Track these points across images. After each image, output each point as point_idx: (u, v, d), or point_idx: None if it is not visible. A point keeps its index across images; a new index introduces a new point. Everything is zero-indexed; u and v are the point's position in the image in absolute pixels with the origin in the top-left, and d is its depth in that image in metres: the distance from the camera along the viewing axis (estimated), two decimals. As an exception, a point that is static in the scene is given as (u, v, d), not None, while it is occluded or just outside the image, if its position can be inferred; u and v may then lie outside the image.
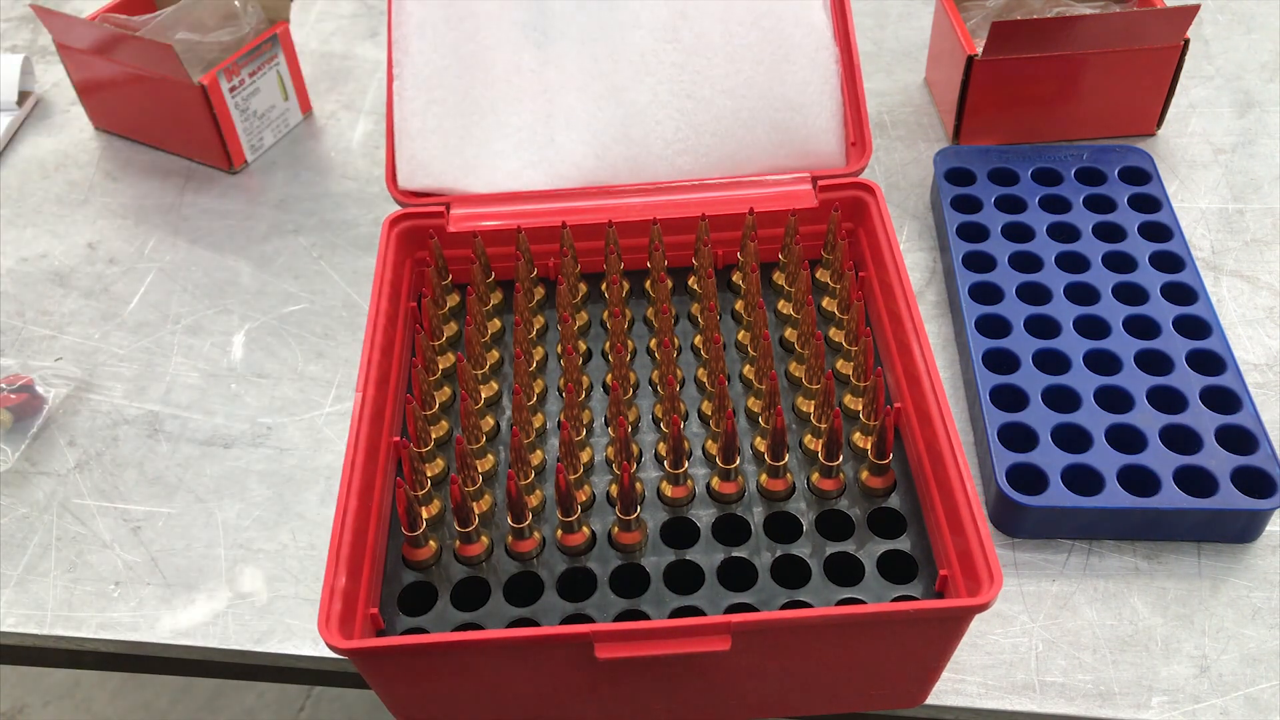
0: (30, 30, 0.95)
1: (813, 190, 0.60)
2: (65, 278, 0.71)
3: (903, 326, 0.52)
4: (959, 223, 0.65)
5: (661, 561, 0.47)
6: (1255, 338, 0.62)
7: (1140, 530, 0.52)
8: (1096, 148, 0.70)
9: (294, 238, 0.73)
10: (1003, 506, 0.52)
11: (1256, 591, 0.51)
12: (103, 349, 0.66)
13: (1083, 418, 0.54)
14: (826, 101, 0.63)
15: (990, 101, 0.72)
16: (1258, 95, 0.79)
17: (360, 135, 0.81)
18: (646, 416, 0.54)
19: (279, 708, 1.33)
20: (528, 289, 0.58)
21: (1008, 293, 0.61)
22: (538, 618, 0.46)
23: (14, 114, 0.83)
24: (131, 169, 0.79)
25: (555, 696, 0.44)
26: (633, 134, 0.63)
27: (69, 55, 0.79)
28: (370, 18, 0.93)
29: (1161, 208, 0.66)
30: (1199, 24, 0.85)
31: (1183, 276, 0.61)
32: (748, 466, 0.51)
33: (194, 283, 0.70)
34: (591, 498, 0.50)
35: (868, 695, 0.46)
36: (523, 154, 0.63)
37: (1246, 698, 0.47)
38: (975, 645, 0.49)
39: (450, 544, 0.49)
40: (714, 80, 0.63)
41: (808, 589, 0.46)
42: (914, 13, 0.89)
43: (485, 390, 0.55)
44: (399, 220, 0.59)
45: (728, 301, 0.60)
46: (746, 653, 0.41)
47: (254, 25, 0.78)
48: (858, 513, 0.49)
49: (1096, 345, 0.58)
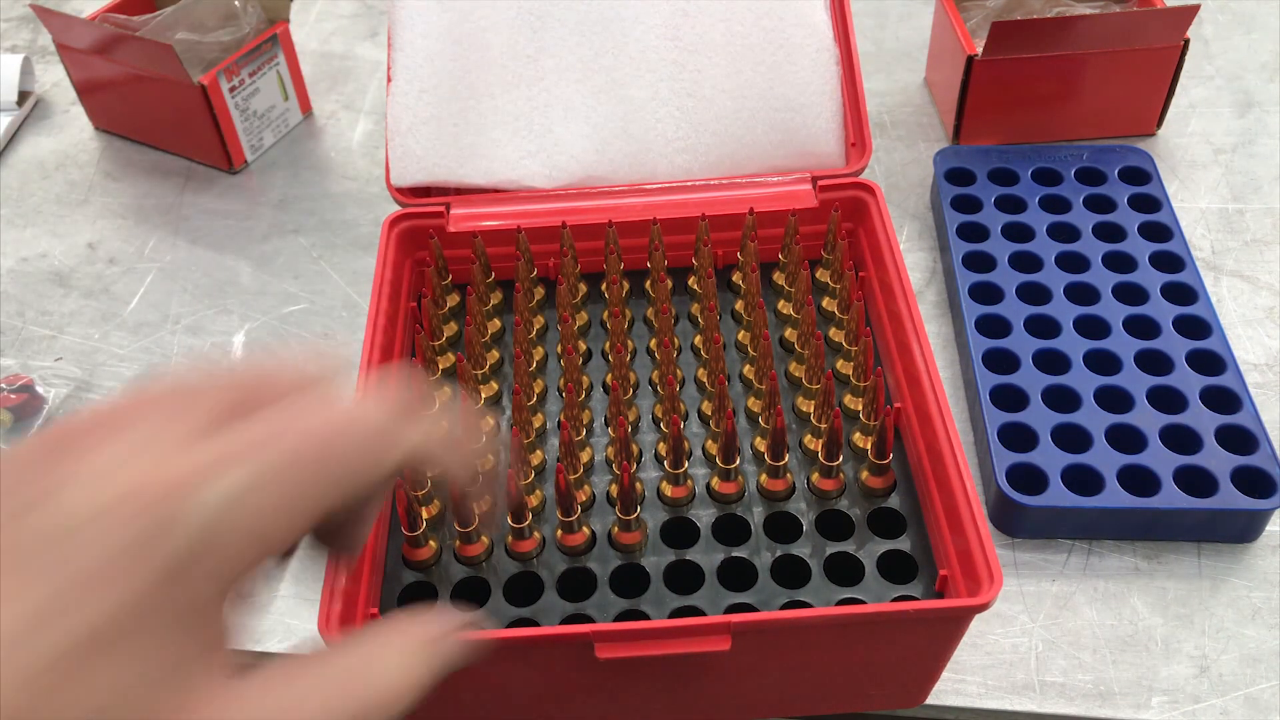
0: (30, 30, 0.95)
1: (813, 190, 0.60)
2: (65, 278, 0.71)
3: (903, 326, 0.52)
4: (959, 223, 0.65)
5: (661, 561, 0.47)
6: (1255, 338, 0.62)
7: (1140, 530, 0.52)
8: (1096, 148, 0.70)
9: (294, 238, 0.73)
10: (1003, 506, 0.52)
11: (1256, 591, 0.51)
12: (103, 349, 0.66)
13: (1083, 418, 0.54)
14: (827, 102, 0.63)
15: (990, 101, 0.72)
16: (1258, 95, 0.79)
17: (360, 135, 0.81)
18: (646, 416, 0.54)
19: (279, 708, 1.33)
20: (528, 289, 0.58)
21: (1008, 293, 0.61)
22: (538, 618, 0.46)
23: (14, 114, 0.83)
24: (131, 169, 0.79)
25: (555, 696, 0.44)
26: (632, 130, 0.63)
27: (69, 55, 0.79)
28: (370, 18, 0.93)
29: (1161, 208, 0.66)
30: (1199, 24, 0.85)
31: (1183, 276, 0.61)
32: (748, 466, 0.51)
33: (194, 283, 0.70)
34: (591, 498, 0.50)
35: (868, 695, 0.46)
36: (520, 143, 0.63)
37: (1246, 698, 0.47)
38: (975, 645, 0.49)
39: (450, 544, 0.49)
40: (714, 79, 0.63)
41: (808, 589, 0.46)
42: (914, 13, 0.89)
43: (485, 390, 0.55)
44: (399, 220, 0.59)
45: (728, 301, 0.60)
46: (746, 653, 0.41)
47: (254, 25, 0.78)
48: (858, 513, 0.49)
49: (1096, 345, 0.58)
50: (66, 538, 0.22)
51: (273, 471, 0.24)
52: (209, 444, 0.24)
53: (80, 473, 0.23)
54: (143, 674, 0.21)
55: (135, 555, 0.22)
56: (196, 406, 0.25)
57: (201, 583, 0.22)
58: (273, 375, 0.27)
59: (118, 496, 0.22)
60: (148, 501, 0.22)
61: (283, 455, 0.24)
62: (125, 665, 0.21)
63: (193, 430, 0.24)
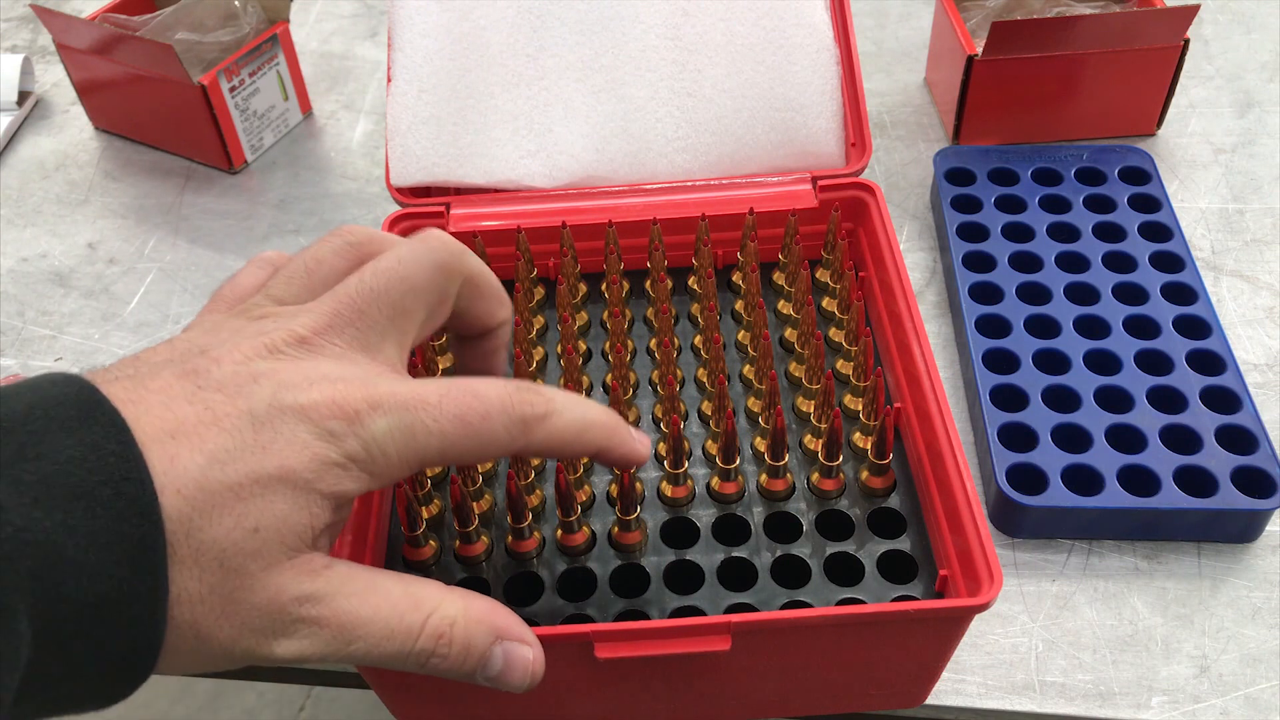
0: (30, 30, 0.95)
1: (813, 190, 0.60)
2: (65, 278, 0.71)
3: (903, 326, 0.52)
4: (959, 223, 0.65)
5: (661, 561, 0.48)
6: (1255, 338, 0.62)
7: (1140, 530, 0.52)
8: (1096, 148, 0.70)
9: (294, 238, 0.73)
10: (1003, 506, 0.52)
11: (1256, 591, 0.51)
12: (103, 349, 0.66)
13: (1083, 418, 0.54)
14: (827, 102, 0.63)
15: (990, 101, 0.72)
16: (1258, 95, 0.79)
17: (360, 135, 0.81)
18: (646, 416, 0.54)
19: (279, 708, 1.33)
20: (528, 289, 0.58)
21: (1008, 293, 0.61)
22: (538, 618, 0.46)
23: (14, 114, 0.83)
24: (131, 169, 0.79)
25: (555, 696, 0.44)
26: (632, 129, 0.63)
27: (69, 55, 0.79)
28: (370, 18, 0.93)
29: (1161, 208, 0.66)
30: (1199, 24, 0.85)
31: (1183, 276, 0.61)
32: (748, 466, 0.51)
33: (194, 283, 0.70)
34: (591, 498, 0.50)
35: (868, 695, 0.46)
36: (520, 142, 0.63)
37: (1246, 698, 0.47)
38: (975, 645, 0.49)
39: (450, 544, 0.49)
40: (714, 79, 0.63)
41: (808, 589, 0.46)
42: (914, 13, 0.89)
43: (485, 390, 0.55)
44: (399, 220, 0.59)
45: (728, 301, 0.60)
46: (746, 653, 0.41)
47: (254, 25, 0.78)
48: (858, 513, 0.49)
49: (1096, 345, 0.58)
50: (268, 413, 0.32)
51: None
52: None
53: (286, 372, 0.34)
54: (283, 517, 0.32)
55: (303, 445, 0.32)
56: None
57: (349, 482, 0.33)
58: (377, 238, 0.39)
59: (311, 403, 0.33)
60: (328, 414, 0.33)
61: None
62: (271, 508, 0.32)
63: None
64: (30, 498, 0.28)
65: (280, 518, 0.32)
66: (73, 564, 0.28)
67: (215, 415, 0.32)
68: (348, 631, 0.33)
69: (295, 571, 0.32)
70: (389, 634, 0.33)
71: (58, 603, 0.28)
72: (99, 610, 0.29)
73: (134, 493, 0.29)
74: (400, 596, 0.34)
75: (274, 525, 0.32)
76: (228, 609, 0.31)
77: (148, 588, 0.29)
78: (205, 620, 0.31)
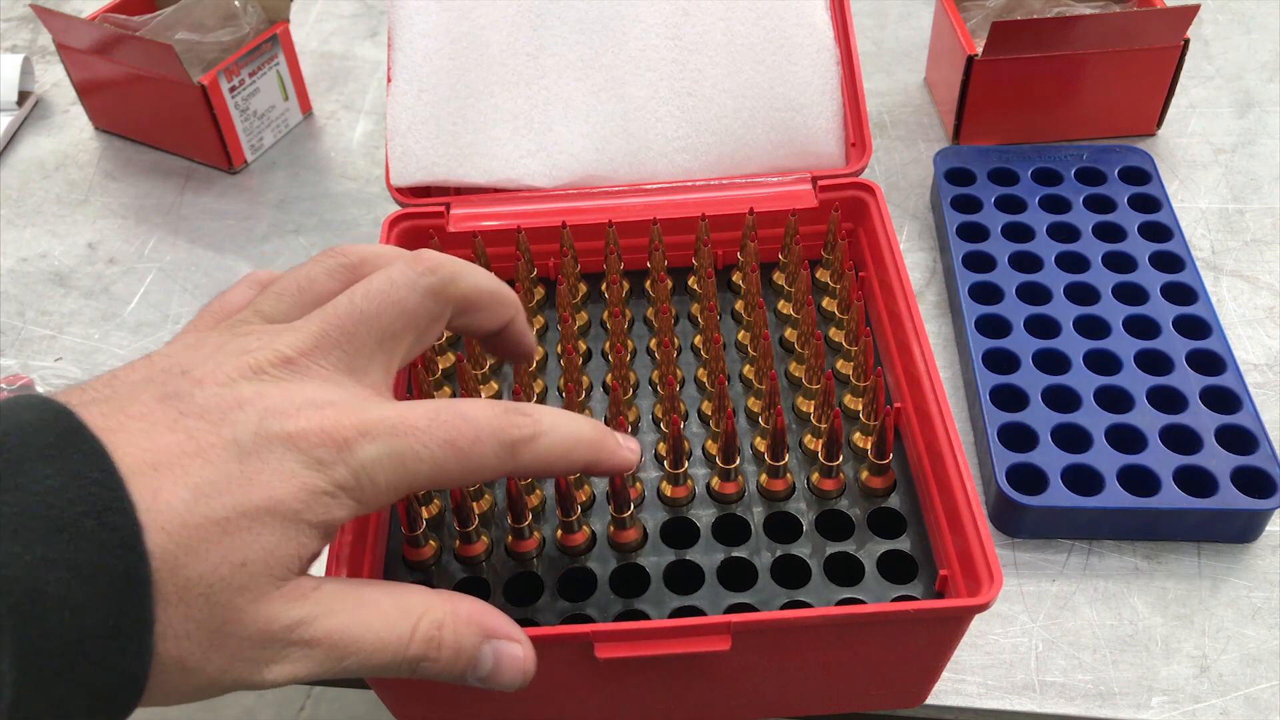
0: (30, 30, 0.95)
1: (813, 190, 0.60)
2: (65, 278, 0.71)
3: (903, 326, 0.52)
4: (959, 223, 0.65)
5: (661, 561, 0.47)
6: (1255, 338, 0.62)
7: (1140, 530, 0.52)
8: (1096, 148, 0.70)
9: (294, 238, 0.73)
10: (1003, 506, 0.52)
11: (1256, 591, 0.51)
12: (103, 349, 0.66)
13: (1083, 418, 0.54)
14: (827, 102, 0.63)
15: (990, 101, 0.72)
16: (1258, 95, 0.79)
17: (360, 135, 0.81)
18: (646, 416, 0.54)
19: (279, 708, 1.33)
20: (527, 289, 0.58)
21: (1008, 293, 0.61)
22: (537, 618, 0.46)
23: (14, 114, 0.83)
24: (131, 169, 0.79)
25: (555, 696, 0.44)
26: (632, 129, 0.63)
27: (69, 55, 0.79)
28: (370, 18, 0.93)
29: (1161, 208, 0.66)
30: (1199, 24, 0.85)
31: (1183, 276, 0.61)
32: (748, 466, 0.51)
33: (194, 283, 0.70)
34: (591, 498, 0.50)
35: (868, 695, 0.46)
36: (520, 141, 0.63)
37: (1246, 698, 0.47)
38: (975, 645, 0.49)
39: (450, 544, 0.49)
40: (714, 79, 0.63)
41: (808, 589, 0.46)
42: (914, 13, 0.89)
43: (485, 390, 0.55)
44: (399, 220, 0.59)
45: (728, 301, 0.60)
46: (746, 653, 0.41)
47: (254, 25, 0.78)
48: (858, 513, 0.49)
49: (1096, 345, 0.58)
50: (254, 442, 0.31)
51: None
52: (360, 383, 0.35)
53: (271, 397, 0.33)
54: (271, 549, 0.31)
55: (289, 474, 0.32)
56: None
57: (338, 510, 0.33)
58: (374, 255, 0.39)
59: (299, 431, 0.32)
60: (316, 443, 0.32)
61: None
62: (257, 541, 0.31)
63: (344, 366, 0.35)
64: (9, 531, 0.27)
65: (268, 550, 0.31)
66: (55, 599, 0.27)
67: (199, 445, 0.31)
68: (340, 649, 0.32)
69: (284, 599, 0.31)
70: (380, 646, 0.33)
71: (40, 640, 0.27)
72: (82, 646, 0.28)
73: (118, 523, 0.28)
74: (389, 607, 0.34)
75: (262, 558, 0.31)
76: (215, 642, 0.30)
77: (132, 622, 0.28)
78: (192, 655, 0.30)
